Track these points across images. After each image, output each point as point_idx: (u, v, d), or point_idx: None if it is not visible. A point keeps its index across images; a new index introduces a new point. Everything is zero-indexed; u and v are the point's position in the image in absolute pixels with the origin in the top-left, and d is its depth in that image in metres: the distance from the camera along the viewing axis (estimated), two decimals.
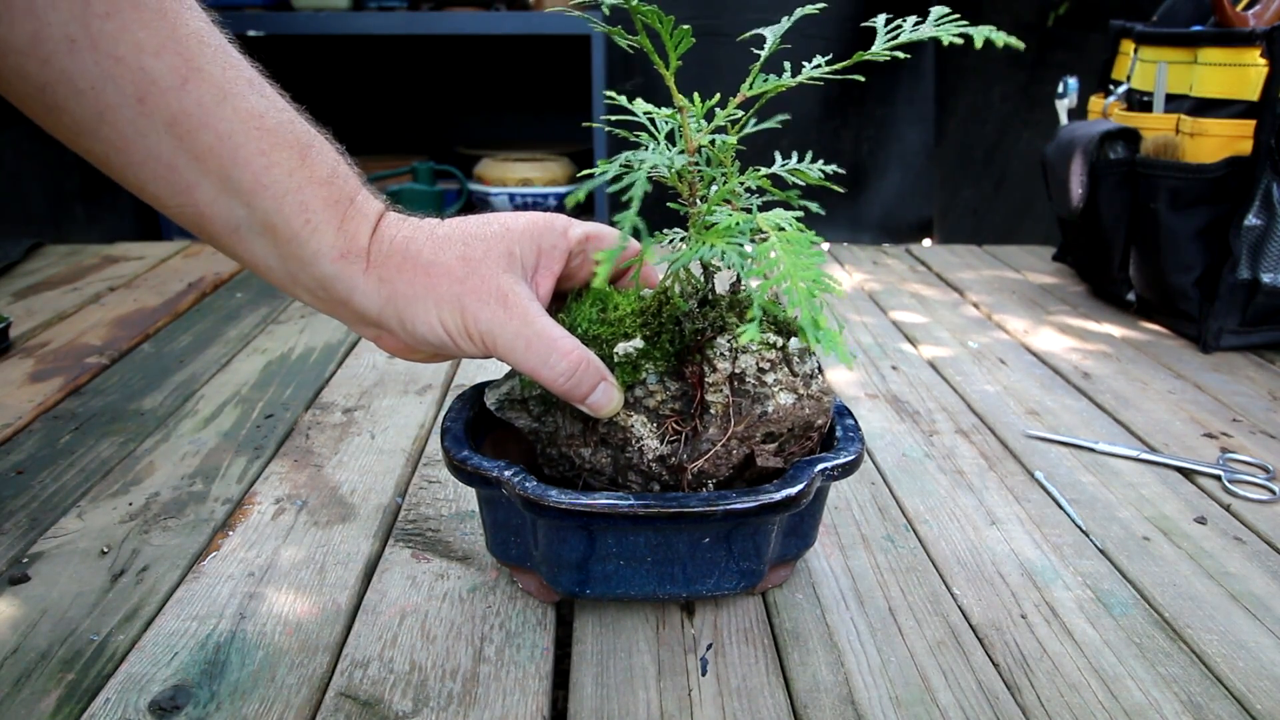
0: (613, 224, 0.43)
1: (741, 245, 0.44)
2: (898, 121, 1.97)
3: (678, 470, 0.47)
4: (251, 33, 1.76)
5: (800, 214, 0.45)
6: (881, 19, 0.42)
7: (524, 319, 0.45)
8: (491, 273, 0.45)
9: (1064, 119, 1.18)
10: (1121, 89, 1.09)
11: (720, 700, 0.46)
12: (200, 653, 0.48)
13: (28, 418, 0.75)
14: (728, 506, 0.44)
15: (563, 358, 0.45)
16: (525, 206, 1.91)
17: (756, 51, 0.45)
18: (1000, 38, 0.38)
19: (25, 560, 0.56)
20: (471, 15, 1.82)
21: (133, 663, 0.47)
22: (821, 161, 0.49)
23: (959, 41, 0.39)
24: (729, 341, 0.47)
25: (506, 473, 0.46)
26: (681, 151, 0.47)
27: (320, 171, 0.44)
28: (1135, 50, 1.07)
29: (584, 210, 1.96)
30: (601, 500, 0.44)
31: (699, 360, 0.48)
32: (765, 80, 0.45)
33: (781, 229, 0.43)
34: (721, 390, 0.47)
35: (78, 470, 0.67)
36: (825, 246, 1.42)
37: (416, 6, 1.90)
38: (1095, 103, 1.15)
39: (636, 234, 0.40)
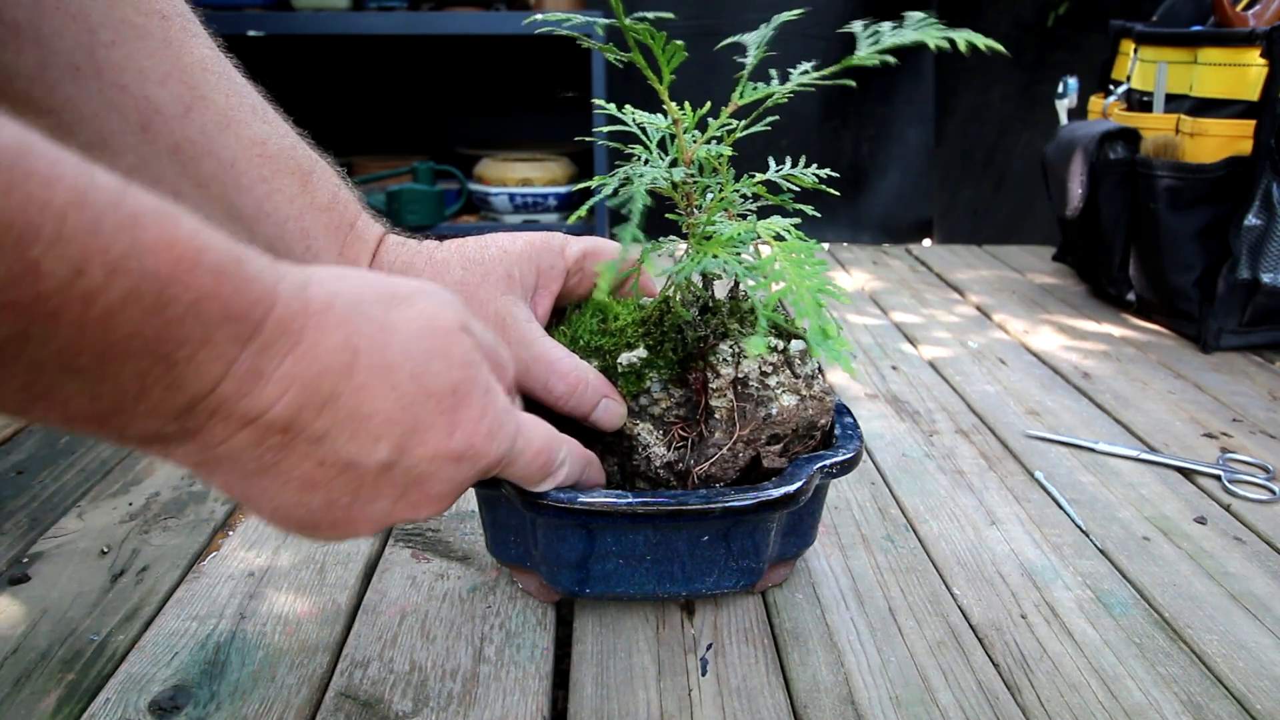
0: (613, 236, 0.43)
1: (742, 255, 0.44)
2: (898, 121, 1.97)
3: (685, 476, 0.47)
4: (251, 33, 1.76)
5: (798, 220, 0.45)
6: (859, 25, 0.41)
7: (521, 343, 0.46)
8: (489, 297, 0.46)
9: (1064, 119, 1.19)
10: (1121, 89, 1.09)
11: (720, 700, 0.46)
12: (200, 653, 0.48)
13: None
14: (726, 504, 0.44)
15: (560, 380, 0.45)
16: (525, 206, 1.91)
17: (740, 60, 0.45)
18: (980, 40, 0.38)
19: (25, 560, 0.56)
20: (471, 15, 1.82)
21: (133, 663, 0.47)
22: (815, 166, 0.49)
23: (945, 45, 0.39)
24: (731, 347, 0.47)
25: None
26: (676, 162, 0.47)
27: (321, 198, 0.44)
28: (1135, 50, 1.07)
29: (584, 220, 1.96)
30: (600, 498, 0.44)
31: (702, 366, 0.48)
32: (755, 89, 0.45)
33: (781, 238, 0.43)
34: (725, 395, 0.47)
35: (78, 470, 0.67)
36: (825, 247, 1.42)
37: (416, 6, 1.90)
38: (1095, 103, 1.15)
39: (637, 242, 0.40)
